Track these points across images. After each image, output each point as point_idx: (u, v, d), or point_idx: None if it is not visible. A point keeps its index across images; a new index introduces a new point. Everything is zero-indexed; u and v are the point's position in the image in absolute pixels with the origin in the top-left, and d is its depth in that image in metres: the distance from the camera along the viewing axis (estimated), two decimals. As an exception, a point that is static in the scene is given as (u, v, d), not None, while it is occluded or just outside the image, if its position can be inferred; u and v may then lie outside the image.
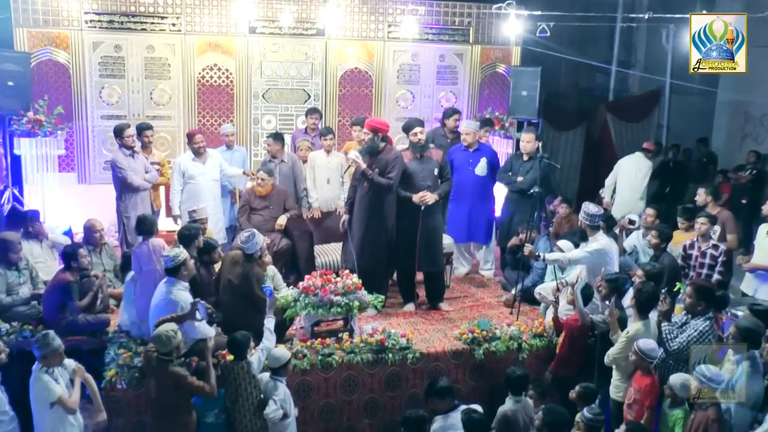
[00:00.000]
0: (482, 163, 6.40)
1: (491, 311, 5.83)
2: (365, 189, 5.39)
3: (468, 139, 6.40)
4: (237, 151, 7.15)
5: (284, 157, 6.56)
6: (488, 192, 6.52)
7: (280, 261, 5.83)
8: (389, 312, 5.68)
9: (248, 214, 6.10)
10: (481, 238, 6.59)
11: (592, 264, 5.07)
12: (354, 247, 5.45)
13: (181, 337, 3.96)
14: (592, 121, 9.65)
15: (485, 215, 6.51)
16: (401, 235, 5.57)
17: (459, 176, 6.33)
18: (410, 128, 5.59)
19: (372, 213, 5.43)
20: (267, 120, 8.26)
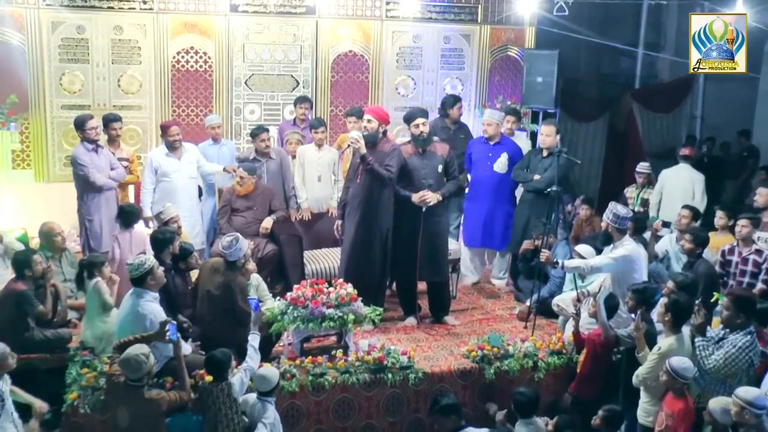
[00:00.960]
0: (502, 158, 6.41)
1: (503, 325, 5.84)
2: (359, 185, 5.39)
3: (490, 130, 6.41)
4: (225, 145, 7.16)
5: (272, 153, 6.57)
6: (507, 192, 6.52)
7: (266, 269, 5.82)
8: (388, 326, 5.68)
9: (229, 216, 6.11)
10: (496, 243, 6.59)
11: (617, 272, 5.07)
12: (344, 253, 5.45)
13: (153, 362, 3.96)
14: (615, 111, 9.68)
15: (502, 218, 6.51)
16: (400, 240, 5.57)
17: (476, 172, 6.35)
18: (412, 119, 5.60)
19: (366, 212, 5.43)
20: (250, 110, 8.26)
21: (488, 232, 6.51)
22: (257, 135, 6.49)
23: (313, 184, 6.61)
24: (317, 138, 6.62)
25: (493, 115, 6.50)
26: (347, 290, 4.97)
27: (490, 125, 6.41)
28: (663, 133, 9.52)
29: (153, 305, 4.35)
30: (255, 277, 5.25)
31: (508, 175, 6.42)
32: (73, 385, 4.45)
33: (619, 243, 5.10)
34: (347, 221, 5.49)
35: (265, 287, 5.37)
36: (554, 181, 5.67)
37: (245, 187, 6.07)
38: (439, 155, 5.65)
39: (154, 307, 4.34)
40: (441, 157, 5.65)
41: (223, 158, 6.92)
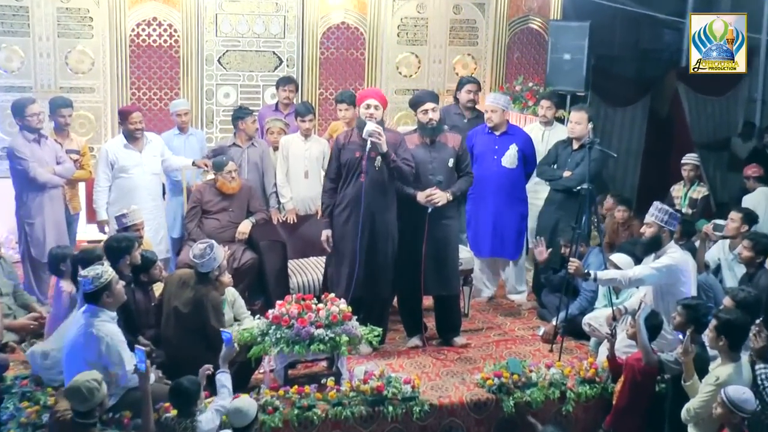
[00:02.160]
0: (511, 151, 6.42)
1: (524, 348, 5.84)
2: (364, 184, 5.36)
3: (494, 118, 6.42)
4: (193, 135, 7.18)
5: (254, 140, 6.61)
6: (519, 191, 6.54)
7: (243, 281, 5.83)
8: (388, 349, 5.68)
9: (199, 219, 6.12)
10: (508, 251, 6.61)
11: (660, 285, 5.07)
12: (344, 271, 5.43)
13: (105, 390, 3.94)
14: (658, 93, 9.68)
15: (514, 222, 6.53)
16: (403, 248, 5.58)
17: (480, 168, 6.35)
18: (420, 103, 5.60)
19: (375, 217, 5.41)
20: (224, 93, 8.27)
21: (498, 238, 6.53)
22: (242, 119, 6.52)
23: (299, 181, 6.60)
24: (304, 127, 6.61)
25: (497, 99, 6.50)
26: (340, 307, 4.96)
27: (495, 112, 6.40)
28: (715, 120, 9.52)
29: (110, 326, 4.33)
30: (230, 292, 5.25)
31: (518, 171, 6.44)
32: (10, 423, 4.42)
33: (663, 250, 5.09)
34: (340, 230, 5.47)
35: (242, 303, 5.37)
36: (586, 177, 5.66)
37: (235, 184, 6.12)
38: (450, 147, 5.65)
39: (110, 329, 4.31)
40: (452, 149, 5.64)
41: (190, 150, 6.93)
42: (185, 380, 4.21)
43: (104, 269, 4.41)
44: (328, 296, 5.08)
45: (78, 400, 3.86)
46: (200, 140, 7.19)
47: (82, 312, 4.40)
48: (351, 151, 5.42)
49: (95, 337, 4.26)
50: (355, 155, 5.39)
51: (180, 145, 6.93)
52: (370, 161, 5.34)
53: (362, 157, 5.35)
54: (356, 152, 5.39)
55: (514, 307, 6.71)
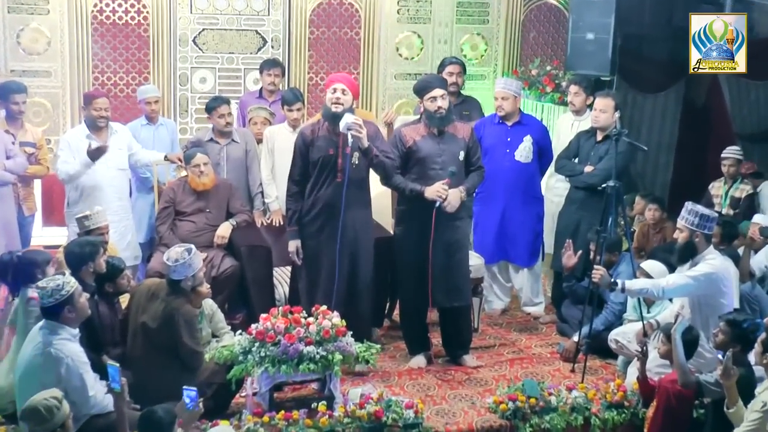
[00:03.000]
0: (525, 143, 6.44)
1: (542, 368, 5.86)
2: (341, 185, 5.37)
3: (506, 106, 6.43)
4: (163, 125, 7.17)
5: (235, 135, 6.59)
6: (534, 188, 6.56)
7: (222, 292, 5.84)
8: (388, 368, 5.69)
9: (172, 221, 6.11)
10: (521, 256, 6.62)
11: (697, 296, 5.07)
12: (321, 287, 5.46)
13: (68, 410, 3.92)
14: (693, 77, 9.66)
15: (529, 223, 6.54)
16: (406, 252, 5.60)
17: (491, 163, 6.35)
18: (427, 89, 5.59)
19: (355, 227, 5.44)
20: (200, 78, 8.27)
21: (510, 242, 6.55)
22: (214, 108, 6.52)
23: (286, 178, 6.56)
24: (291, 117, 6.60)
25: (508, 85, 6.51)
26: (333, 321, 4.97)
27: (506, 99, 6.42)
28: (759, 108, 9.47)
29: (71, 346, 4.31)
30: (208, 304, 5.25)
31: (533, 166, 6.46)
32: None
33: (700, 256, 5.09)
34: (313, 240, 5.48)
35: (221, 317, 5.37)
36: (612, 173, 5.66)
37: (206, 179, 6.10)
38: (460, 138, 5.67)
39: (72, 349, 4.29)
40: (462, 141, 5.66)
41: (160, 143, 6.93)
42: (160, 409, 4.16)
43: (65, 280, 4.38)
44: (319, 308, 5.07)
45: (36, 421, 3.82)
46: (171, 131, 7.19)
47: (38, 328, 4.38)
48: (322, 148, 5.41)
49: (54, 358, 4.24)
50: (329, 152, 5.40)
51: (148, 137, 6.93)
52: (346, 158, 5.34)
53: (337, 155, 5.36)
54: (329, 149, 5.39)
55: (530, 320, 6.72)
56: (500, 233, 6.54)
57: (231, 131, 6.58)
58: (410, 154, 5.58)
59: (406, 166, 5.60)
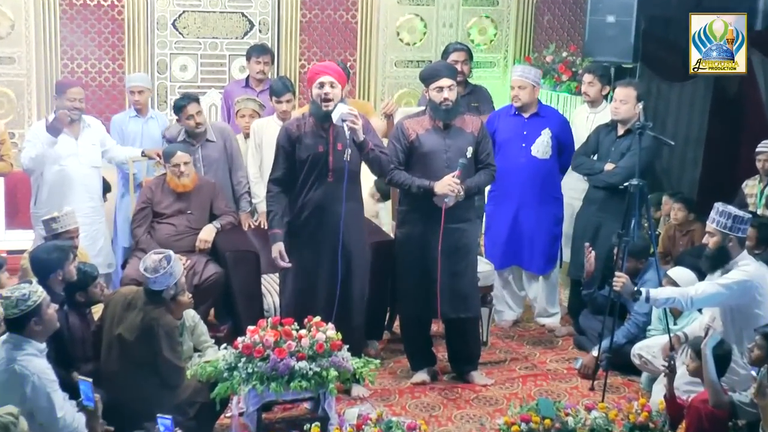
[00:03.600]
0: (543, 138, 6.45)
1: (558, 385, 5.87)
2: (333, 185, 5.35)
3: (522, 96, 6.45)
4: (153, 118, 7.18)
5: (209, 133, 6.57)
6: (552, 187, 6.58)
7: (206, 301, 5.86)
8: (388, 386, 5.70)
9: (150, 224, 6.12)
10: (536, 263, 6.63)
11: (730, 306, 5.06)
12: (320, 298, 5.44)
13: (26, 427, 3.90)
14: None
15: (546, 226, 6.56)
16: (410, 257, 5.63)
17: (505, 159, 6.37)
18: (434, 78, 5.58)
19: (350, 231, 5.42)
20: (181, 65, 8.28)
21: (525, 246, 6.57)
22: (182, 108, 6.46)
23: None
24: (281, 109, 6.58)
25: (526, 72, 6.52)
26: (327, 334, 4.95)
27: (523, 88, 6.43)
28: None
29: (37, 362, 4.28)
30: (190, 315, 5.25)
31: (552, 162, 6.47)
32: None
33: (733, 263, 5.09)
34: (305, 248, 5.46)
35: (204, 329, 5.37)
36: (635, 171, 5.66)
37: (186, 180, 6.10)
38: (469, 132, 5.67)
39: (38, 365, 4.27)
40: (471, 135, 5.66)
41: (149, 138, 6.95)
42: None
43: (32, 289, 4.36)
44: (312, 320, 5.06)
45: None
46: (163, 125, 7.19)
47: (1, 343, 4.37)
48: (310, 146, 5.36)
49: (19, 376, 4.22)
50: (318, 150, 5.36)
51: (136, 131, 6.93)
52: (337, 155, 5.32)
53: (327, 152, 5.34)
54: (318, 146, 5.36)
55: (544, 333, 6.73)
56: (513, 236, 6.57)
57: (203, 131, 6.53)
58: (413, 150, 5.58)
59: (409, 163, 5.60)
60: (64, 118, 6.10)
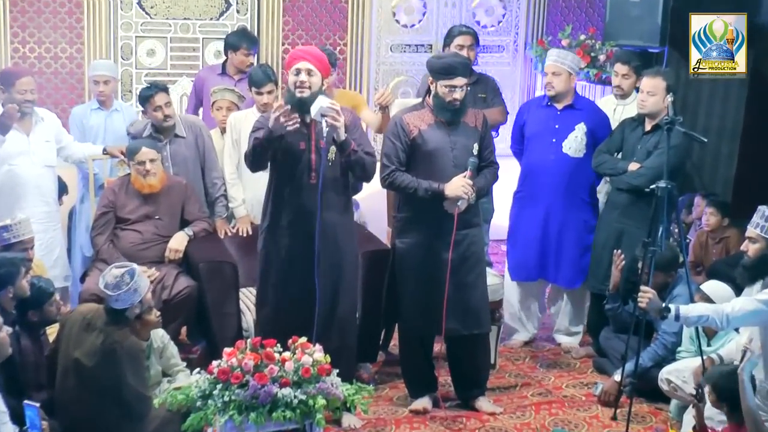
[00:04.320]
0: (577, 133, 6.48)
1: (576, 413, 5.89)
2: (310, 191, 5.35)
3: (557, 84, 6.47)
4: (118, 111, 7.18)
5: (179, 128, 6.57)
6: (584, 189, 6.60)
7: (176, 319, 5.86)
8: (383, 415, 5.72)
9: (113, 231, 6.12)
10: (565, 275, 6.66)
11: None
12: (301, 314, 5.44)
13: None
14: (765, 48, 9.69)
15: (576, 233, 6.58)
16: (414, 269, 5.67)
17: (533, 155, 6.46)
18: (447, 74, 5.52)
19: (336, 239, 5.44)
20: (147, 50, 8.28)
21: (552, 255, 6.58)
22: (148, 99, 6.46)
23: (256, 177, 6.51)
24: (261, 101, 6.57)
25: (563, 57, 6.53)
26: (314, 357, 4.94)
27: (558, 75, 6.45)
28: None
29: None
30: (158, 336, 5.26)
31: (586, 161, 6.48)
32: None
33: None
34: (284, 256, 5.47)
35: (174, 352, 5.39)
36: (663, 172, 5.67)
37: (153, 180, 6.09)
38: (473, 127, 5.70)
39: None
40: (474, 130, 5.68)
41: (113, 133, 6.96)
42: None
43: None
44: (297, 341, 5.05)
45: None
46: (130, 119, 7.18)
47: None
48: (289, 142, 5.37)
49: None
50: (299, 147, 5.36)
51: (98, 125, 6.94)
52: (319, 154, 5.31)
53: (309, 150, 5.34)
54: (299, 143, 5.36)
55: (560, 353, 6.76)
56: (539, 243, 6.59)
57: (173, 125, 6.53)
58: (415, 148, 5.59)
59: (410, 163, 5.61)
60: (13, 112, 6.10)
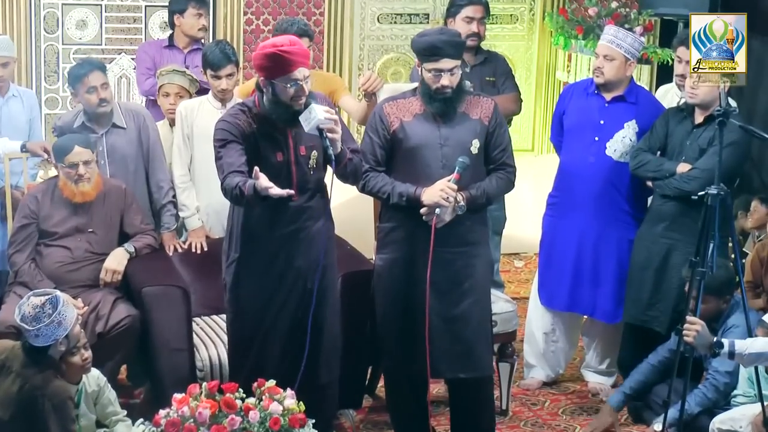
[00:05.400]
0: (627, 132, 6.51)
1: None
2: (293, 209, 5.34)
3: (607, 71, 6.48)
4: (16, 96, 7.21)
5: (118, 117, 6.57)
6: (630, 201, 6.63)
7: (113, 357, 5.90)
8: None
9: (35, 248, 6.13)
10: (602, 306, 6.67)
11: None
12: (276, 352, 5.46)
13: None
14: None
15: (617, 256, 6.59)
16: (393, 293, 5.69)
17: (571, 155, 6.54)
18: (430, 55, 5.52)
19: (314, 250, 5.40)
20: (77, 21, 8.26)
21: (587, 280, 6.63)
22: (80, 79, 6.43)
23: (212, 180, 6.42)
24: (218, 86, 6.59)
25: (621, 38, 6.49)
26: (285, 404, 4.94)
27: (610, 60, 6.46)
28: None
29: None
30: (92, 378, 5.25)
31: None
32: None
33: None
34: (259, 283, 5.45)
35: (112, 397, 5.39)
36: (714, 175, 5.65)
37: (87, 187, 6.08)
38: (475, 118, 5.67)
39: None
40: (477, 123, 5.65)
41: (11, 124, 6.98)
42: None
43: None
44: (263, 384, 5.04)
45: None
46: (30, 107, 7.20)
47: None
48: (262, 155, 5.31)
49: None
50: (275, 159, 5.32)
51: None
52: (302, 164, 5.29)
53: (289, 161, 5.31)
54: (276, 153, 5.32)
55: (586, 396, 6.77)
56: (573, 266, 6.63)
57: (110, 111, 6.51)
58: (395, 143, 5.59)
59: (391, 162, 5.61)
60: None
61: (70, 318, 4.92)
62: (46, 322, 4.81)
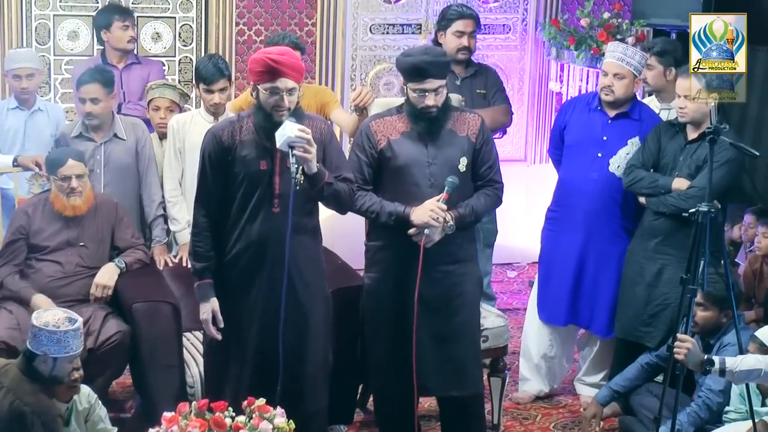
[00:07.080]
0: (630, 148, 6.50)
1: (599, 490, 5.94)
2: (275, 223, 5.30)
3: (618, 90, 6.44)
4: (42, 110, 7.24)
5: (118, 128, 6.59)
6: (629, 217, 6.61)
7: (104, 372, 5.88)
8: (361, 495, 5.73)
9: (24, 261, 6.13)
10: (598, 320, 6.68)
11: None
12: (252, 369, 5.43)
13: None
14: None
15: (617, 272, 6.58)
16: (381, 311, 5.69)
17: (572, 170, 6.53)
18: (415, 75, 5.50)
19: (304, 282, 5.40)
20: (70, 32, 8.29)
21: (588, 296, 6.63)
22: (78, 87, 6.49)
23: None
24: (211, 101, 6.59)
25: (630, 55, 6.46)
26: (275, 422, 4.87)
27: (621, 78, 6.41)
28: None
29: None
30: (83, 395, 5.22)
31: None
32: None
33: None
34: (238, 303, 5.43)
35: (103, 414, 5.36)
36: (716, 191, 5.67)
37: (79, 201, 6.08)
38: (462, 135, 5.66)
39: None
40: (464, 141, 5.64)
41: (36, 137, 7.04)
42: None
43: None
44: (253, 402, 4.98)
45: None
46: (56, 120, 7.20)
47: None
48: (249, 161, 5.29)
49: None
50: (260, 167, 5.29)
51: (17, 127, 7.02)
52: (286, 176, 5.19)
53: (273, 170, 5.27)
54: (260, 161, 5.29)
55: (579, 411, 6.75)
56: (572, 281, 6.63)
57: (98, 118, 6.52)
58: (383, 162, 5.58)
59: (379, 181, 5.60)
60: None
61: (71, 347, 4.87)
62: (48, 329, 4.79)
